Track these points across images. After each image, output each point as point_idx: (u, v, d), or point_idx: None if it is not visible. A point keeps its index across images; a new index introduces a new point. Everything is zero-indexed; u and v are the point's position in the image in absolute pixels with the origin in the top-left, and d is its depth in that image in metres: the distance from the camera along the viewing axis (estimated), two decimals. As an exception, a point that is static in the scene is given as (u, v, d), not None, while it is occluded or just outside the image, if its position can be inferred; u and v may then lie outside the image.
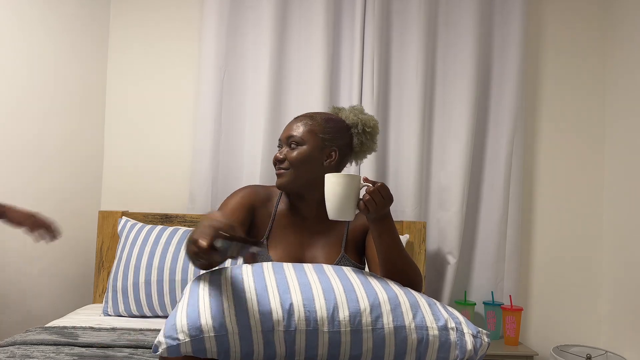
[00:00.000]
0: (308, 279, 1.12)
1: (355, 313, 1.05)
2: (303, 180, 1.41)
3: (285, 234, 1.44)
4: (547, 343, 2.40)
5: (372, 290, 1.11)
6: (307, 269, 1.18)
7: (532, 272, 2.49)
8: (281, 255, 1.40)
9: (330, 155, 1.44)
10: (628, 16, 2.37)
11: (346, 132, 1.47)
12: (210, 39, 2.38)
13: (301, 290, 1.07)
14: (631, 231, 2.26)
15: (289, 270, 1.16)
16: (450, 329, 1.08)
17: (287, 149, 1.42)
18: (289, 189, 1.42)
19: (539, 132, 2.52)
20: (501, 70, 2.43)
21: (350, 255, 1.43)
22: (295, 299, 1.05)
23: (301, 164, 1.39)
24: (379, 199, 1.17)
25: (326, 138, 1.42)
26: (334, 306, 1.05)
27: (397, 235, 1.27)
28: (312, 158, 1.41)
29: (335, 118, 1.47)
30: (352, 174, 1.23)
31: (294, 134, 1.42)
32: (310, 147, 1.40)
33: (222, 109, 2.40)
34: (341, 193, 1.18)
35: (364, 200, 1.18)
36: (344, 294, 1.08)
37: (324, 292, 1.07)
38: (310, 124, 1.43)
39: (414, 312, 1.09)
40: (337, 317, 1.04)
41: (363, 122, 1.49)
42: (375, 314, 1.06)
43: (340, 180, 1.19)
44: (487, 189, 2.43)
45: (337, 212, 1.20)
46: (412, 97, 2.37)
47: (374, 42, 2.35)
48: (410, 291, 1.17)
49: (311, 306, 1.04)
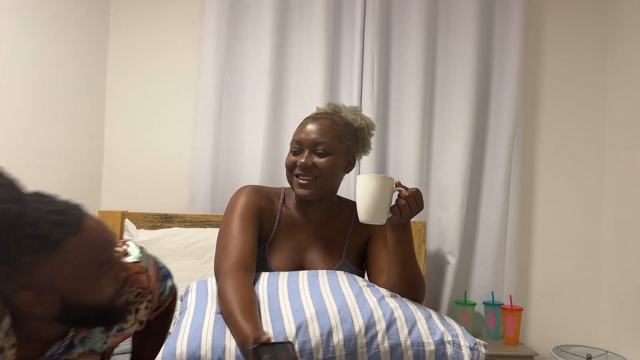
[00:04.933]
0: (301, 302, 1.10)
1: (350, 336, 1.04)
2: (327, 189, 1.35)
3: (288, 237, 1.40)
4: (547, 343, 2.40)
5: (366, 307, 1.10)
6: (301, 288, 1.16)
7: (532, 272, 2.49)
8: (282, 259, 1.37)
9: (350, 162, 1.41)
10: (628, 17, 2.35)
11: (355, 136, 1.43)
12: (210, 39, 2.37)
13: (294, 318, 1.06)
14: (631, 231, 2.26)
15: (283, 294, 1.14)
16: (447, 342, 1.07)
17: (313, 156, 1.33)
18: (315, 199, 1.36)
19: (539, 132, 2.51)
20: (501, 70, 2.41)
21: (351, 262, 1.42)
22: (289, 329, 1.04)
23: (331, 174, 1.33)
24: (413, 205, 1.15)
25: (348, 145, 1.38)
26: (328, 331, 1.04)
27: (413, 244, 1.25)
28: (339, 167, 1.36)
29: (347, 121, 1.41)
30: (386, 176, 1.19)
31: (323, 140, 1.32)
32: (338, 156, 1.34)
33: (222, 109, 2.39)
34: (376, 195, 1.13)
35: (399, 205, 1.14)
36: (338, 316, 1.07)
37: (317, 316, 1.06)
38: (336, 130, 1.34)
39: (410, 327, 1.08)
40: (331, 342, 1.03)
41: (368, 126, 1.46)
42: (370, 335, 1.05)
43: (375, 183, 1.13)
44: (487, 189, 2.42)
45: (370, 215, 1.14)
46: (412, 97, 2.36)
47: (374, 42, 2.34)
48: (407, 304, 1.16)
49: (305, 335, 1.03)
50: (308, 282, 1.19)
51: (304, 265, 1.39)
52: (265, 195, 1.42)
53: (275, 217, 1.40)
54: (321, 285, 1.18)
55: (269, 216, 1.39)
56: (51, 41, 2.13)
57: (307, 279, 1.21)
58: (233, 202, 1.37)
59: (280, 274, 1.25)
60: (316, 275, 1.23)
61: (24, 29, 1.98)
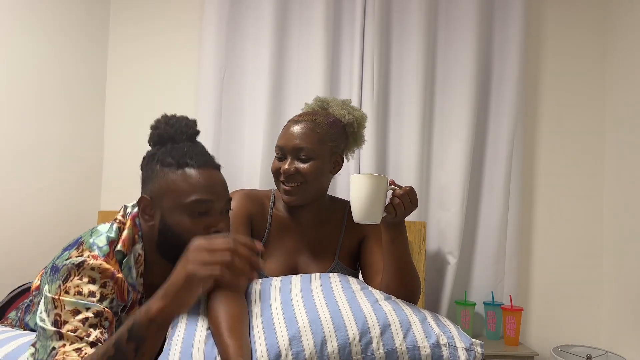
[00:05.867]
0: (294, 311, 1.10)
1: (344, 344, 1.03)
2: (313, 193, 1.35)
3: (281, 241, 1.39)
4: (547, 343, 2.40)
5: (360, 313, 1.09)
6: (294, 296, 1.15)
7: (532, 272, 2.48)
8: (275, 264, 1.36)
9: (337, 163, 1.40)
10: (628, 17, 2.34)
11: (344, 133, 1.41)
12: (210, 39, 2.37)
13: (287, 328, 1.05)
14: (631, 231, 2.25)
15: (275, 303, 1.13)
16: (442, 344, 1.07)
17: (296, 162, 1.32)
18: (301, 204, 1.35)
19: (539, 132, 2.50)
20: (501, 70, 2.41)
21: (345, 262, 1.42)
22: (282, 340, 1.03)
23: (316, 178, 1.31)
24: (407, 203, 1.14)
25: (333, 145, 1.35)
26: (322, 340, 1.03)
27: (408, 244, 1.24)
28: (325, 170, 1.35)
29: (334, 119, 1.39)
30: (380, 175, 1.18)
31: (304, 146, 1.31)
32: (322, 159, 1.33)
33: (222, 109, 2.39)
34: (371, 195, 1.12)
35: (393, 204, 1.14)
36: (331, 324, 1.06)
37: (310, 325, 1.05)
38: (318, 132, 1.33)
39: (405, 331, 1.08)
40: (325, 351, 1.02)
41: (357, 119, 1.43)
42: (364, 341, 1.05)
43: (369, 182, 1.13)
44: (487, 189, 2.42)
45: (364, 215, 1.14)
46: (412, 97, 2.35)
47: (374, 42, 2.34)
48: (402, 307, 1.15)
49: (299, 346, 1.02)
50: (301, 289, 1.18)
51: (297, 268, 1.38)
52: (255, 199, 1.41)
53: (266, 221, 1.39)
54: (314, 291, 1.16)
55: (260, 221, 1.39)
56: (51, 41, 2.13)
57: (300, 285, 1.19)
58: None
59: (272, 281, 1.24)
60: (309, 281, 1.21)
61: (24, 29, 1.99)
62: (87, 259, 1.02)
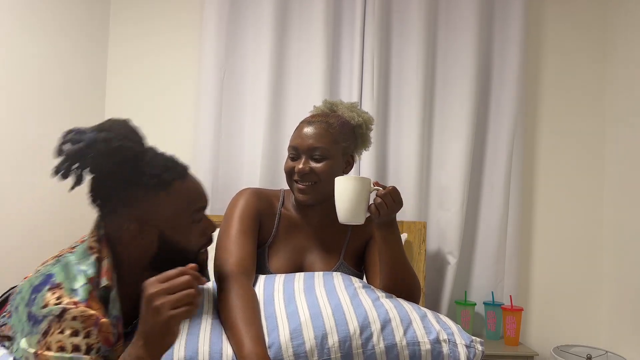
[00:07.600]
0: (296, 306, 1.11)
1: (345, 337, 1.04)
2: (326, 193, 1.34)
3: (287, 240, 1.40)
4: (547, 343, 2.40)
5: (361, 308, 1.10)
6: (296, 292, 1.16)
7: (532, 272, 2.48)
8: (282, 261, 1.37)
9: (349, 163, 1.42)
10: (628, 17, 2.35)
11: (353, 134, 1.43)
12: (210, 38, 2.37)
13: (289, 322, 1.06)
14: (631, 231, 2.25)
15: (279, 298, 1.14)
16: (442, 341, 1.07)
17: (310, 161, 1.34)
18: (315, 203, 1.37)
19: (539, 132, 2.50)
20: (501, 70, 2.41)
21: (349, 263, 1.42)
22: (283, 335, 1.04)
23: (329, 177, 1.31)
24: (390, 202, 1.15)
25: (345, 146, 1.38)
26: (322, 334, 1.04)
27: (401, 242, 1.25)
28: (337, 169, 1.36)
29: (345, 121, 1.41)
30: (363, 177, 1.20)
31: (319, 146, 1.33)
32: (335, 158, 1.35)
33: (222, 109, 2.39)
34: (353, 197, 1.16)
35: (376, 204, 1.15)
36: (332, 319, 1.07)
37: (312, 320, 1.06)
38: (331, 133, 1.35)
39: (405, 327, 1.08)
40: (326, 344, 1.03)
41: (366, 122, 1.46)
42: (365, 336, 1.05)
43: (351, 184, 1.16)
44: (487, 189, 2.42)
45: (348, 215, 1.17)
46: (412, 97, 2.36)
47: (374, 41, 2.34)
48: (402, 304, 1.16)
49: (299, 339, 1.03)
50: (304, 285, 1.18)
51: (303, 267, 1.39)
52: (264, 198, 1.42)
53: (275, 220, 1.41)
54: (316, 287, 1.17)
55: (268, 219, 1.40)
56: (51, 40, 2.14)
57: (303, 281, 1.20)
58: (233, 205, 1.37)
59: (276, 277, 1.24)
60: (312, 278, 1.22)
61: (24, 28, 1.99)
62: (67, 306, 0.92)
